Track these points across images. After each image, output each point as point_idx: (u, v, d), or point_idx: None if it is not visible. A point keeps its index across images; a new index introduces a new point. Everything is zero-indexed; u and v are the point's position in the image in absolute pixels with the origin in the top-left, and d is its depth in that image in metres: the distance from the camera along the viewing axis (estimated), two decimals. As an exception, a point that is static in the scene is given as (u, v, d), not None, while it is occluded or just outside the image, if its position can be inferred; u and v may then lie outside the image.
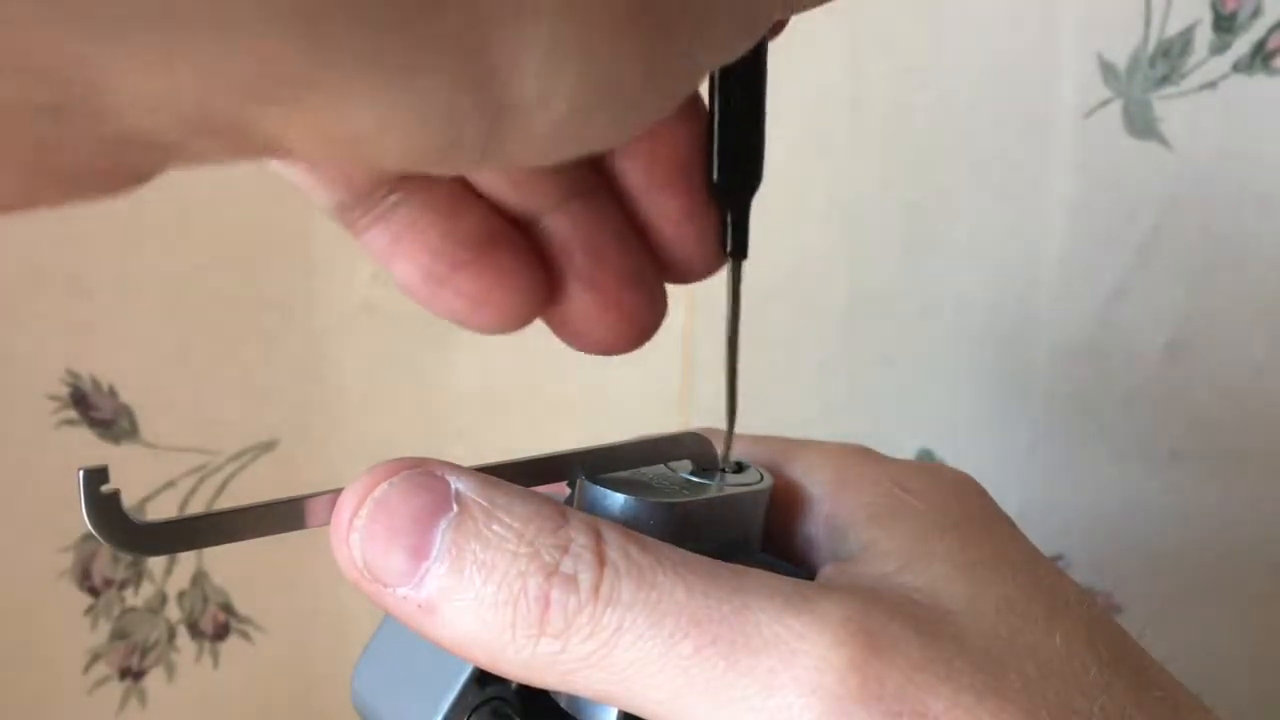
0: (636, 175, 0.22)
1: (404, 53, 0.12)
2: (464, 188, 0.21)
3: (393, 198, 0.20)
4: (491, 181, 0.21)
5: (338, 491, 0.19)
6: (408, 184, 0.21)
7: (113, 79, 0.11)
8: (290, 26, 0.11)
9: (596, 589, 0.18)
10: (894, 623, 0.18)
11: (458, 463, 0.20)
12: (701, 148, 0.22)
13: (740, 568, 0.19)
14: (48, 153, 0.12)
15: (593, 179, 0.22)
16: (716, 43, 0.15)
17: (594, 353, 0.23)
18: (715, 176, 0.22)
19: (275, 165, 0.20)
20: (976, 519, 0.21)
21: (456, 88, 0.12)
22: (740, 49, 0.16)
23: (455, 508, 0.18)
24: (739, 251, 0.22)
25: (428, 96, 0.12)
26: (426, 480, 0.19)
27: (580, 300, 0.22)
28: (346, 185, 0.20)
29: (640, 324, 0.22)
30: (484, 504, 0.19)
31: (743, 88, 0.22)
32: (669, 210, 0.22)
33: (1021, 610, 0.19)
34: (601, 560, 0.18)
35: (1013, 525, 0.22)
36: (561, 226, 0.22)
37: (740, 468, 0.24)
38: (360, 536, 0.19)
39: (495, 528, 0.18)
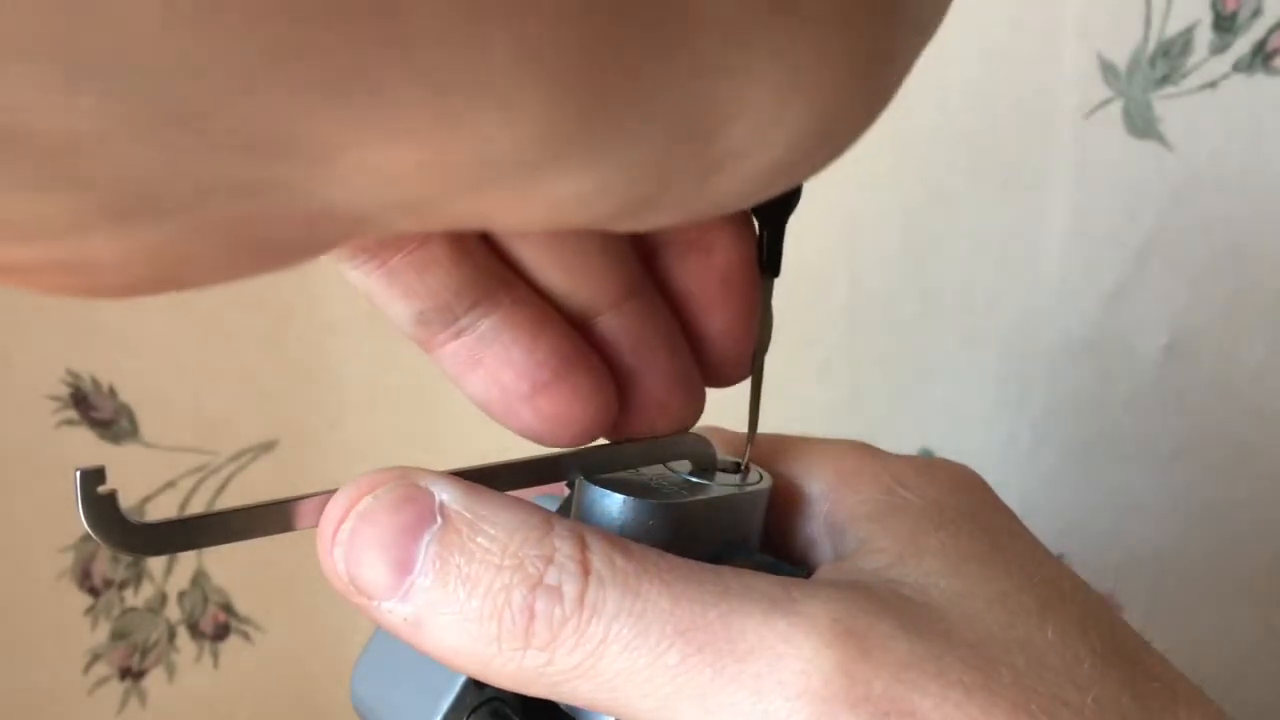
0: (688, 280, 0.22)
1: (638, 107, 0.11)
2: (545, 307, 0.21)
3: (476, 311, 0.20)
4: (555, 279, 0.21)
5: (334, 492, 0.19)
6: (491, 298, 0.20)
7: (342, 153, 0.10)
8: (569, 91, 0.10)
9: (581, 599, 0.18)
10: (882, 622, 0.18)
11: (457, 464, 0.20)
12: (753, 259, 0.22)
13: (727, 570, 0.19)
14: (247, 228, 0.11)
15: (646, 280, 0.22)
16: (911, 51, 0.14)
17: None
18: None
19: (353, 277, 0.20)
20: (974, 513, 0.21)
21: (674, 139, 0.11)
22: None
23: (439, 520, 0.18)
24: (773, 268, 0.23)
25: (646, 153, 0.11)
26: (410, 492, 0.19)
27: (629, 402, 0.22)
28: (430, 295, 0.20)
29: (682, 424, 0.23)
30: (468, 516, 0.18)
31: None
32: (716, 320, 0.22)
33: (1013, 605, 0.19)
34: (586, 570, 0.18)
35: (1013, 518, 0.22)
36: (615, 327, 0.22)
37: (740, 468, 0.23)
38: (344, 551, 0.18)
39: (479, 540, 0.18)
